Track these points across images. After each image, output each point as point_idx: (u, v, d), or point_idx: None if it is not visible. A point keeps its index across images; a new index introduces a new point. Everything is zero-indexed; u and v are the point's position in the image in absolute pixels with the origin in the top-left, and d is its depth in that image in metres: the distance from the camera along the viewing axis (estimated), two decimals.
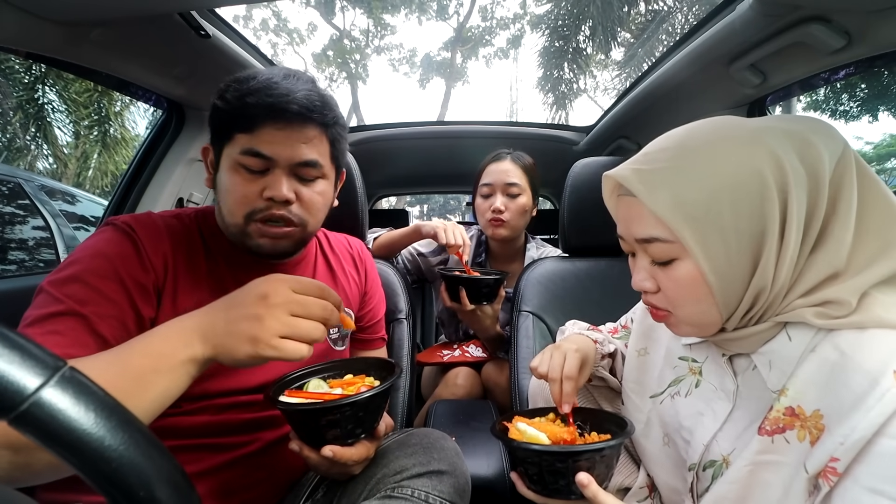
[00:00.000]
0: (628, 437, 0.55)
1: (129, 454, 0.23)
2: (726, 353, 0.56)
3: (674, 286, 0.52)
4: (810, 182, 0.47)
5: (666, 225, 0.49)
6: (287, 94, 0.62)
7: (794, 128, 0.48)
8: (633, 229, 0.53)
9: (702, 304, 0.51)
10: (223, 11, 1.04)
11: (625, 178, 0.52)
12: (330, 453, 0.58)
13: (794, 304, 0.48)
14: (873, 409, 0.40)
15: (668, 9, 9.97)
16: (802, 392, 0.46)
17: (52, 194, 2.55)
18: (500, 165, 1.29)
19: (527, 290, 1.12)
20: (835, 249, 0.47)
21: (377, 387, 0.60)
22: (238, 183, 0.65)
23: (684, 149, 0.50)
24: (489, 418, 1.10)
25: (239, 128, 0.64)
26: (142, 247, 0.64)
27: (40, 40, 0.82)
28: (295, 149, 0.65)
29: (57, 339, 0.53)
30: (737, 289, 0.49)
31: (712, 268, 0.48)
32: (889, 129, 12.19)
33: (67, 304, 0.55)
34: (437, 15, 14.57)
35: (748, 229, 0.47)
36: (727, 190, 0.47)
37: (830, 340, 0.45)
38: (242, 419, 0.70)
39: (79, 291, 0.56)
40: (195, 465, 0.66)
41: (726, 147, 0.48)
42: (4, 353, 0.21)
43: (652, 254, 0.52)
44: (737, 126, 0.50)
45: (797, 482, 0.45)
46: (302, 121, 0.64)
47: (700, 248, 0.48)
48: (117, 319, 0.58)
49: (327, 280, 0.86)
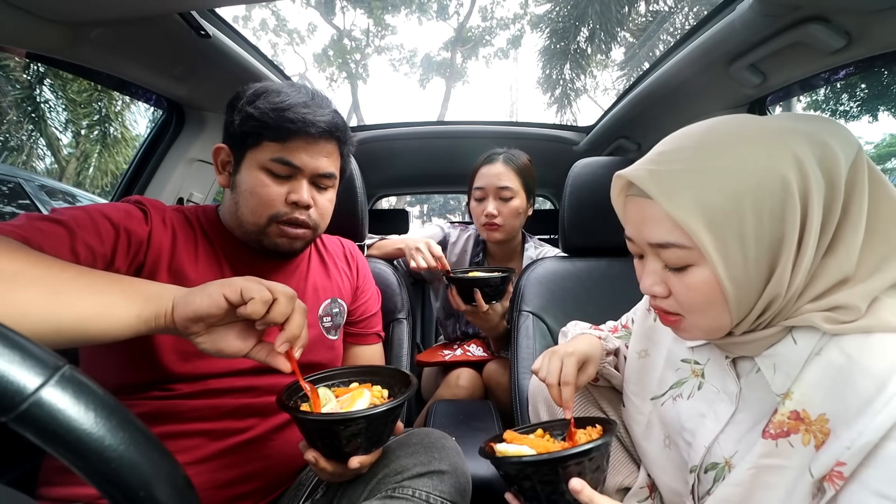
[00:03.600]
0: (612, 436, 0.55)
1: (129, 454, 0.23)
2: (730, 356, 0.56)
3: (687, 292, 0.50)
4: (827, 187, 0.45)
5: (684, 230, 0.46)
6: (317, 114, 0.72)
7: (813, 130, 0.47)
8: (647, 233, 0.51)
9: (715, 310, 0.49)
10: (223, 11, 1.04)
11: (640, 179, 0.49)
12: (358, 464, 0.60)
13: (804, 308, 0.48)
14: (881, 413, 0.39)
15: (668, 9, 9.97)
16: (808, 396, 0.46)
17: (53, 194, 2.55)
18: (491, 168, 1.28)
19: (527, 290, 1.12)
20: (845, 254, 0.46)
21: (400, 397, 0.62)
22: (264, 185, 0.72)
23: (704, 149, 0.47)
24: (489, 418, 1.10)
25: (271, 136, 0.71)
26: (150, 217, 0.70)
27: (40, 40, 0.82)
28: (318, 161, 0.74)
29: (39, 235, 0.56)
30: (751, 295, 0.48)
31: (729, 275, 0.46)
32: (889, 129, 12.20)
33: (66, 219, 0.60)
34: (437, 15, 14.57)
35: (768, 236, 0.45)
36: (750, 194, 0.44)
37: (837, 344, 0.45)
38: (239, 404, 0.71)
39: (80, 216, 0.62)
40: (192, 452, 0.67)
41: (749, 149, 0.46)
42: (4, 353, 0.21)
43: (666, 259, 0.50)
44: (758, 126, 0.48)
45: (800, 485, 0.45)
46: (327, 138, 0.74)
47: (719, 256, 0.46)
48: (93, 252, 0.61)
49: (320, 273, 0.89)
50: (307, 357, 0.79)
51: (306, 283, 0.85)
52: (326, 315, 0.86)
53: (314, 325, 0.84)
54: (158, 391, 0.67)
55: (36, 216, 0.60)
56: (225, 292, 0.51)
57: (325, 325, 0.86)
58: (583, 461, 0.52)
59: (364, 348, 0.97)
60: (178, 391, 0.67)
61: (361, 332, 0.96)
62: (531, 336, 1.06)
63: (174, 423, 0.67)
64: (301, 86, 0.76)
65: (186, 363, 0.68)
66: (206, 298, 0.51)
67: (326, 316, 0.86)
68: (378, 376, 0.72)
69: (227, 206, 0.77)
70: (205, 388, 0.69)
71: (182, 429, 0.67)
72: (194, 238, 0.75)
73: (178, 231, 0.73)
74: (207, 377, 0.69)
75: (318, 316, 0.85)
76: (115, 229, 0.64)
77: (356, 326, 0.96)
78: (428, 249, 1.17)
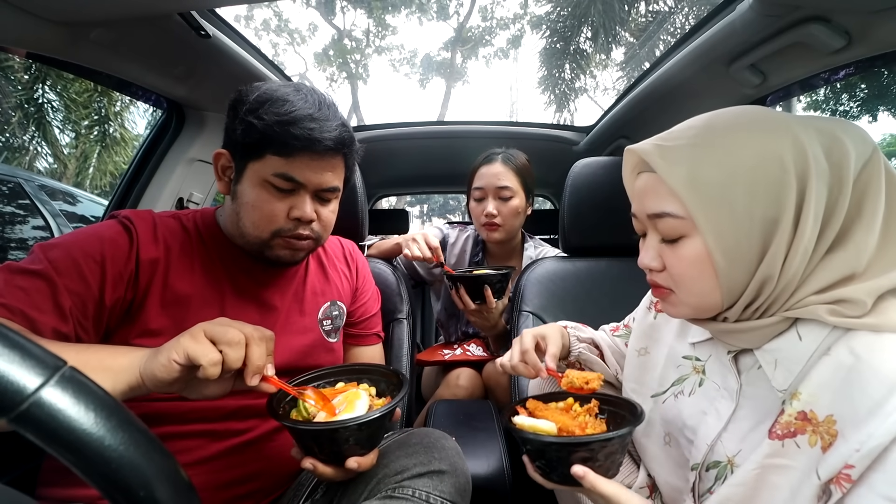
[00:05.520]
0: (630, 427, 0.54)
1: (129, 454, 0.23)
2: (731, 351, 0.56)
3: (678, 263, 0.52)
4: (833, 177, 0.46)
5: (679, 200, 0.49)
6: (324, 128, 0.69)
7: (826, 125, 0.48)
8: (647, 204, 0.54)
9: (705, 284, 0.50)
10: (223, 11, 1.04)
11: (646, 151, 0.52)
12: (356, 465, 0.60)
13: (807, 300, 0.47)
14: (891, 415, 0.39)
15: (668, 9, 9.97)
16: (816, 396, 0.45)
17: (53, 194, 2.55)
18: (490, 168, 1.28)
19: (527, 290, 1.12)
20: (855, 252, 0.46)
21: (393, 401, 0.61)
22: (266, 200, 0.70)
23: (708, 128, 0.50)
24: (489, 418, 1.10)
25: (274, 150, 0.68)
26: (136, 240, 0.68)
27: (40, 40, 0.82)
28: (323, 176, 0.72)
29: (19, 295, 0.56)
30: (742, 274, 0.49)
31: (720, 248, 0.48)
32: (889, 129, 12.20)
33: (45, 267, 0.59)
34: (437, 15, 14.56)
35: (762, 213, 0.46)
36: (745, 171, 0.46)
37: (845, 344, 0.45)
38: (239, 405, 0.71)
39: (60, 260, 0.60)
40: (193, 453, 0.67)
41: (750, 130, 0.48)
42: (4, 353, 0.21)
43: (662, 230, 0.53)
44: (764, 113, 0.50)
45: (806, 487, 0.45)
46: (333, 154, 0.71)
47: (710, 226, 0.48)
48: (81, 298, 0.61)
49: (319, 276, 0.89)
50: (307, 361, 0.79)
51: (305, 287, 0.85)
52: (326, 318, 0.86)
53: (314, 329, 0.84)
54: (159, 393, 0.67)
55: (15, 268, 0.59)
56: (173, 357, 0.50)
57: (325, 329, 0.86)
58: (593, 449, 0.53)
59: (364, 349, 0.97)
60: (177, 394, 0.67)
61: (361, 333, 0.96)
62: None
63: (175, 425, 0.67)
64: (308, 91, 0.72)
65: None
66: (160, 367, 0.51)
67: (326, 319, 0.86)
68: (365, 374, 0.72)
69: (228, 214, 0.75)
70: None
71: (183, 430, 0.67)
72: (190, 248, 0.73)
73: (171, 243, 0.71)
74: None
75: (318, 319, 0.85)
76: (101, 266, 0.63)
77: (356, 327, 0.95)
78: (424, 240, 1.17)
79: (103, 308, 0.63)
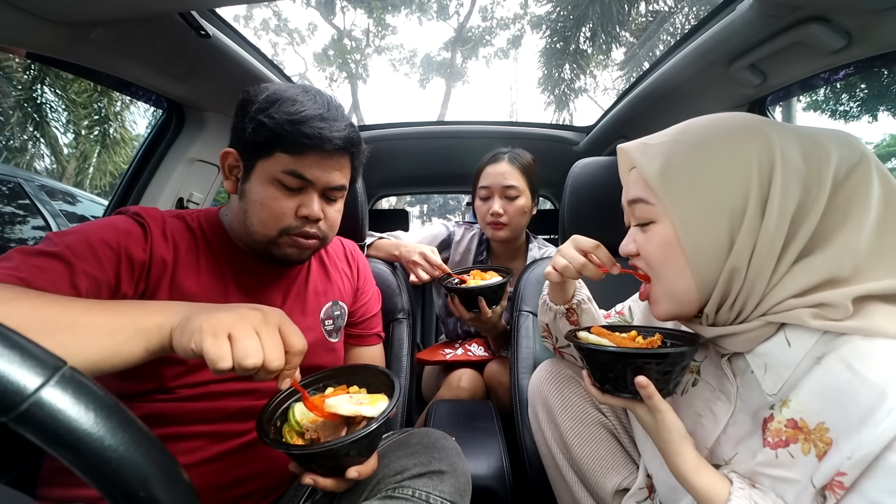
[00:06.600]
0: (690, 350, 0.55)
1: (129, 454, 0.23)
2: (725, 354, 0.56)
3: (648, 246, 0.56)
4: (811, 178, 0.47)
5: (651, 187, 0.54)
6: (333, 128, 0.70)
7: (810, 132, 0.50)
8: (627, 194, 0.59)
9: (674, 268, 0.53)
10: (223, 11, 1.04)
11: (630, 149, 0.58)
12: (356, 474, 0.60)
13: (788, 303, 0.48)
14: (882, 423, 0.39)
15: (668, 9, 9.97)
16: (805, 404, 0.45)
17: (53, 194, 2.55)
18: (497, 168, 1.28)
19: (527, 290, 1.12)
20: (837, 256, 0.46)
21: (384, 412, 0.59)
22: (275, 198, 0.70)
23: (687, 129, 0.54)
24: (490, 418, 1.10)
25: (284, 148, 0.69)
26: (150, 234, 0.68)
27: (40, 40, 0.82)
28: (331, 175, 0.73)
29: (37, 274, 0.55)
30: (713, 262, 0.51)
31: (687, 233, 0.51)
32: (889, 129, 12.19)
33: (62, 250, 0.59)
34: (437, 15, 14.56)
35: (728, 203, 0.49)
36: (714, 164, 0.50)
37: (836, 352, 0.45)
38: (240, 406, 0.71)
39: (77, 244, 0.60)
40: (194, 454, 0.67)
41: (724, 130, 0.52)
42: (4, 353, 0.21)
43: (637, 216, 0.57)
44: (742, 118, 0.53)
45: (804, 496, 0.45)
46: (341, 153, 0.73)
47: (678, 213, 0.51)
48: (97, 282, 0.60)
49: (321, 276, 0.89)
50: (309, 361, 0.79)
51: (307, 287, 0.85)
52: (328, 318, 0.86)
53: (316, 329, 0.84)
54: (160, 394, 0.67)
55: (30, 251, 0.58)
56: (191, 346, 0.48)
57: (327, 329, 0.86)
58: (650, 363, 0.54)
59: (365, 349, 0.97)
60: (179, 394, 0.67)
61: (362, 333, 0.97)
62: (531, 336, 1.06)
63: (176, 426, 0.67)
64: (316, 93, 0.73)
65: (187, 367, 0.68)
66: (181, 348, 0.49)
67: (328, 319, 0.86)
68: (356, 376, 0.71)
69: (234, 212, 0.75)
70: (206, 392, 0.69)
71: (184, 431, 0.67)
72: (196, 248, 0.73)
73: (179, 242, 0.71)
74: (209, 381, 0.69)
75: (320, 319, 0.85)
76: (116, 253, 0.63)
77: (357, 328, 0.96)
78: (424, 260, 1.16)
79: (118, 295, 0.63)
